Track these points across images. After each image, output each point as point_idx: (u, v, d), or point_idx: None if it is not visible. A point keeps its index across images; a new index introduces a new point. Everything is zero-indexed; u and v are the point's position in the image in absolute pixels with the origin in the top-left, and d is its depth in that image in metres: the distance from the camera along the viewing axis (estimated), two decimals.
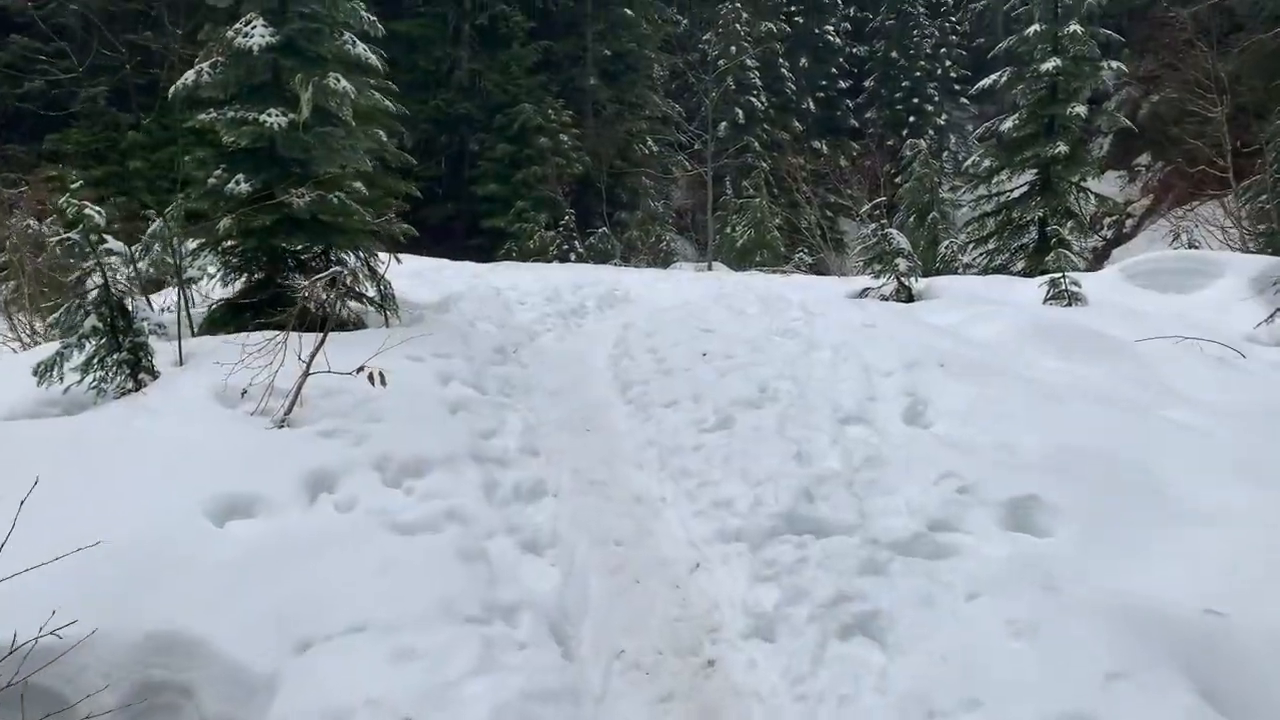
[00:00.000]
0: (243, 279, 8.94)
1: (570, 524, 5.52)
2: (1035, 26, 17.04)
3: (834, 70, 46.28)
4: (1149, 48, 31.95)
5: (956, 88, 47.06)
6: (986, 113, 48.26)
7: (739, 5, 38.79)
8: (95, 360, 6.70)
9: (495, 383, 7.99)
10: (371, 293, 9.86)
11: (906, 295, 11.78)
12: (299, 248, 9.10)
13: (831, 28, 46.47)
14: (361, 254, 9.61)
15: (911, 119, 44.95)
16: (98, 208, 6.79)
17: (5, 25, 26.05)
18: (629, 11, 33.72)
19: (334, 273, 6.41)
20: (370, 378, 6.18)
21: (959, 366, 7.78)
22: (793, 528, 5.11)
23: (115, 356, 6.73)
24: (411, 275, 13.27)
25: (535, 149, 29.22)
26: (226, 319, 8.71)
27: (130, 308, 6.83)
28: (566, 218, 28.54)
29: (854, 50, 47.90)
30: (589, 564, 5.04)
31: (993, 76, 18.14)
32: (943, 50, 47.47)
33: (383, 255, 9.92)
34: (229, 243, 8.54)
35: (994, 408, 6.91)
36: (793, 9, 44.68)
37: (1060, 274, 11.97)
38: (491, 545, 4.96)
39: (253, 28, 8.34)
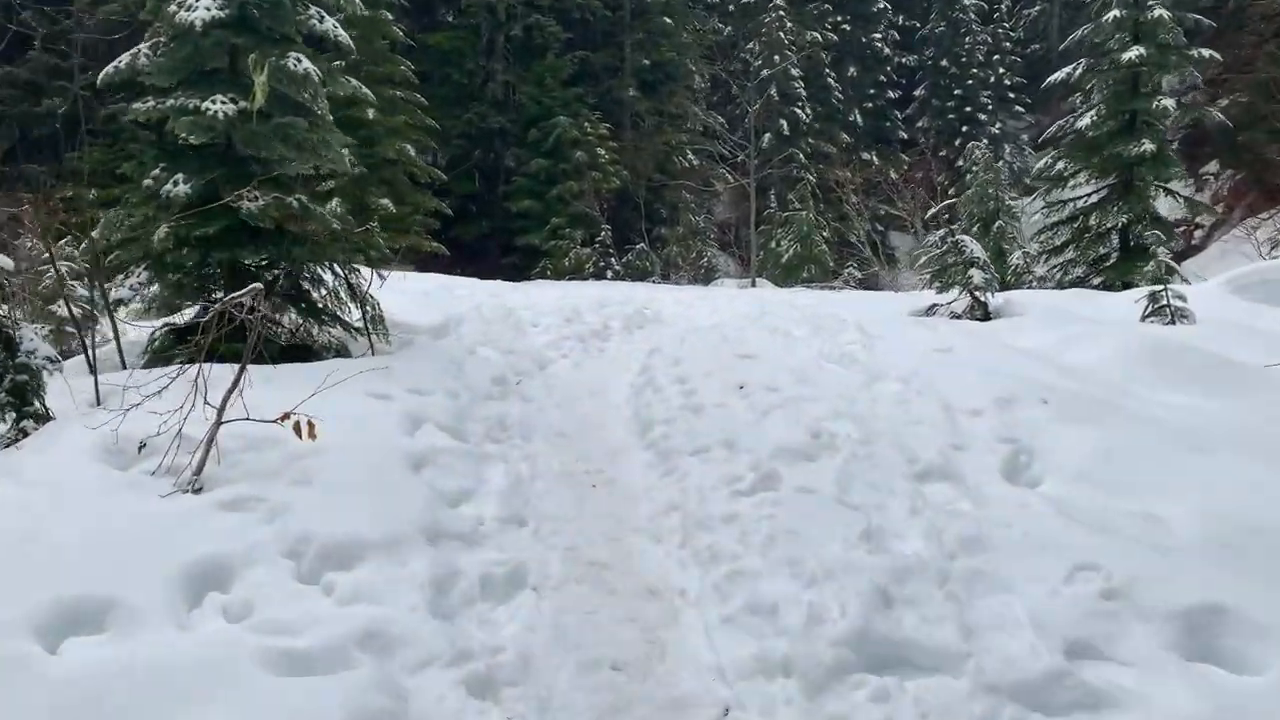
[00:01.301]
0: (192, 299, 7.53)
1: (551, 638, 3.95)
2: (1114, 12, 15.30)
3: (882, 79, 44.43)
4: (1216, 47, 30.01)
5: (1011, 95, 45.10)
6: (1042, 121, 46.28)
7: (783, 14, 37.22)
8: None
9: (483, 425, 6.48)
10: (355, 315, 8.45)
11: (982, 312, 10.12)
12: (262, 262, 7.69)
13: (879, 36, 44.69)
14: (339, 269, 8.18)
15: (964, 128, 42.96)
16: None
17: (24, 43, 25.33)
18: (668, 20, 32.30)
19: (254, 289, 4.97)
20: (296, 428, 4.70)
21: (1066, 403, 6.12)
22: (868, 659, 3.50)
23: None
24: (420, 295, 11.88)
25: (571, 163, 27.90)
26: (171, 347, 7.31)
27: (15, 338, 5.42)
28: (603, 234, 27.14)
29: (903, 59, 46.00)
30: (568, 713, 3.47)
31: (1065, 70, 16.41)
32: (996, 57, 45.40)
33: (365, 271, 8.50)
34: (170, 257, 7.12)
35: (1122, 461, 5.26)
36: (839, 18, 42.97)
37: (1161, 286, 10.23)
38: (418, 687, 3.39)
39: (197, 0, 6.96)
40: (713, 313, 11.90)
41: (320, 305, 8.05)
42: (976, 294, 10.14)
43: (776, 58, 36.20)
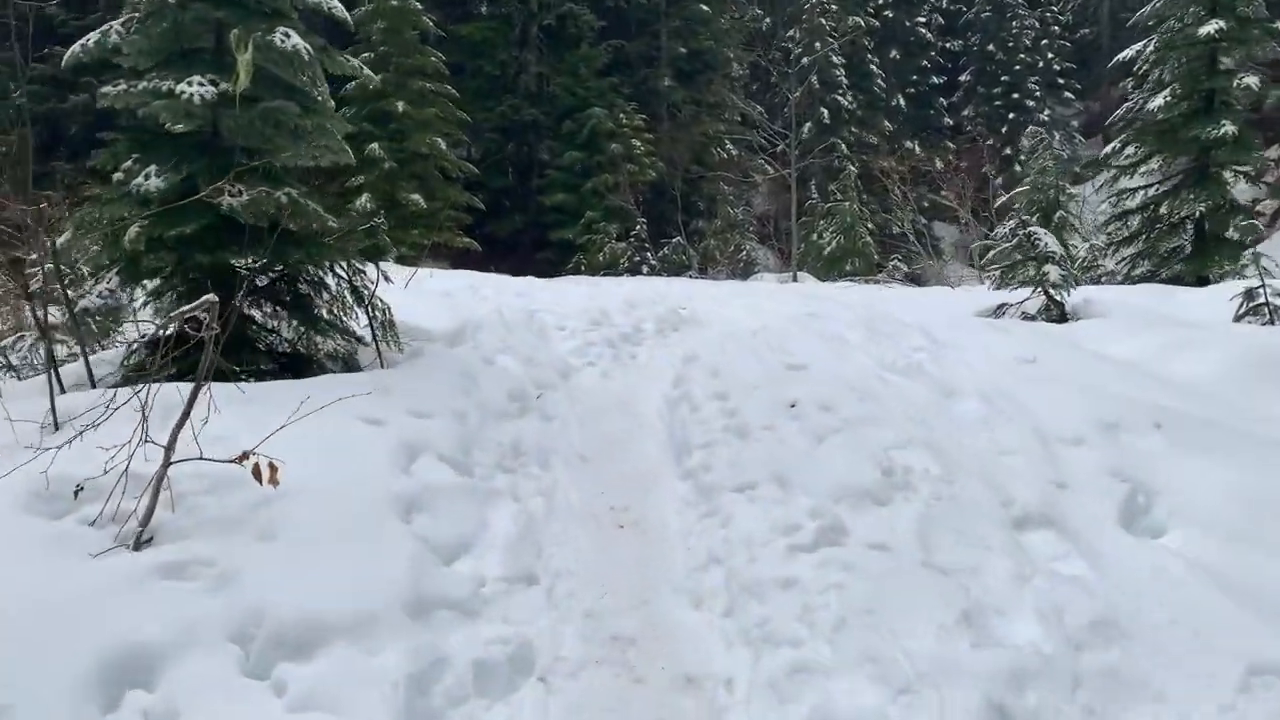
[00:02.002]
0: (172, 307, 6.71)
1: None
2: None
3: (926, 65, 43.11)
4: None
5: (1060, 82, 43.60)
6: (1091, 108, 44.73)
7: None
8: None
9: (494, 452, 5.61)
10: (362, 322, 7.63)
11: (1059, 313, 9.09)
12: (254, 264, 6.88)
13: (923, 20, 43.36)
14: (342, 271, 7.34)
15: (1011, 115, 41.61)
16: None
17: (48, 37, 24.85)
18: (706, 7, 31.25)
19: (206, 302, 4.14)
20: (256, 471, 3.85)
21: (1181, 427, 5.14)
22: None
23: None
24: (442, 295, 11.05)
25: (606, 155, 27.08)
26: (150, 363, 6.49)
27: None
28: (638, 228, 26.25)
29: (947, 44, 44.62)
30: None
31: (1135, 47, 15.22)
32: (1044, 42, 43.89)
33: (372, 271, 7.67)
34: (145, 261, 6.30)
35: (1266, 504, 4.30)
36: (881, 2, 41.73)
37: (1258, 282, 9.15)
38: None
39: None
40: (754, 312, 10.94)
41: (318, 312, 7.21)
42: (1052, 292, 9.11)
43: (817, 44, 35.04)
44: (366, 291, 7.60)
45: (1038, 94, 42.27)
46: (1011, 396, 5.66)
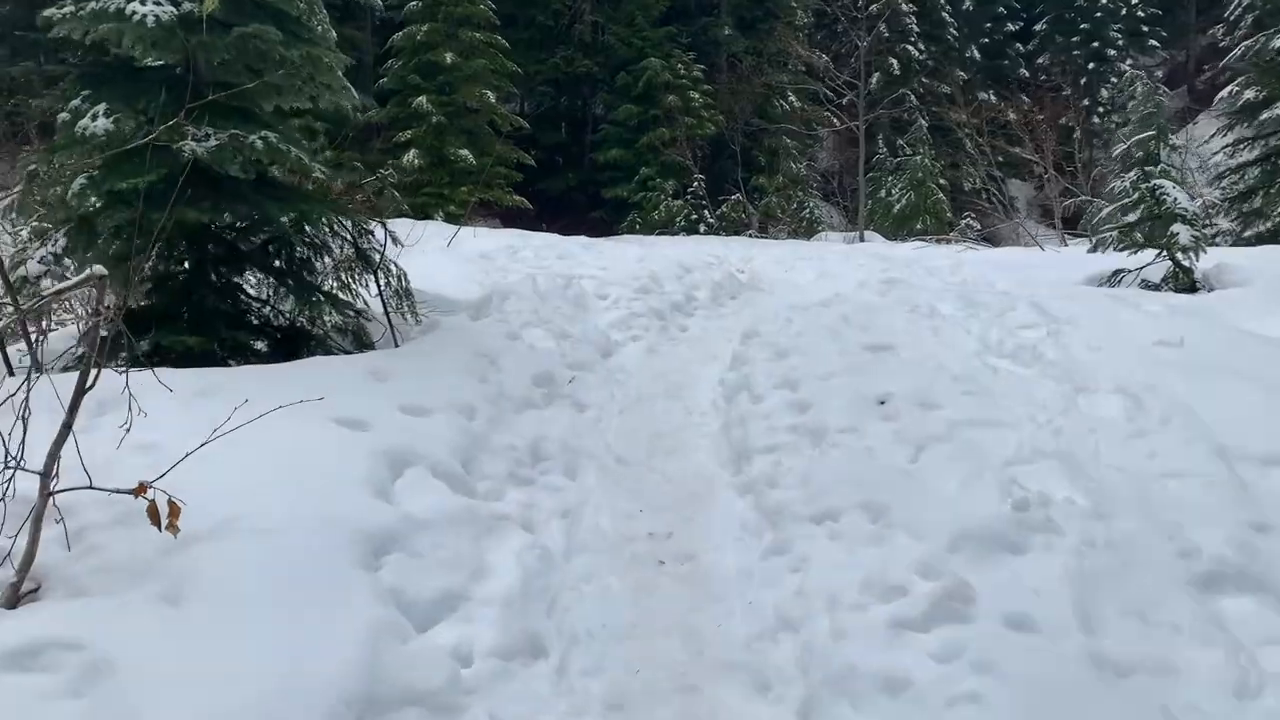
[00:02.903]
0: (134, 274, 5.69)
1: None
2: None
3: (1001, 11, 40.79)
4: None
5: (1144, 29, 40.95)
6: (1174, 58, 42.03)
7: None
8: None
9: (506, 458, 4.51)
10: (372, 291, 6.60)
11: (1187, 281, 7.72)
12: (237, 225, 5.85)
13: None
14: (345, 233, 6.27)
15: (1091, 65, 39.23)
16: None
17: None
18: None
19: (90, 275, 3.10)
20: (153, 512, 2.80)
21: None
22: None
23: None
24: (478, 258, 10.02)
25: (662, 109, 25.85)
26: (114, 341, 5.49)
27: None
28: (696, 184, 25.10)
29: None
30: None
31: None
32: None
33: (379, 232, 6.61)
34: (99, 219, 5.26)
35: None
36: None
37: None
38: None
39: None
40: (824, 278, 9.72)
41: (317, 281, 6.16)
42: (1180, 257, 7.73)
43: None
44: (375, 255, 6.56)
45: (1119, 42, 39.76)
46: (1164, 393, 4.41)
